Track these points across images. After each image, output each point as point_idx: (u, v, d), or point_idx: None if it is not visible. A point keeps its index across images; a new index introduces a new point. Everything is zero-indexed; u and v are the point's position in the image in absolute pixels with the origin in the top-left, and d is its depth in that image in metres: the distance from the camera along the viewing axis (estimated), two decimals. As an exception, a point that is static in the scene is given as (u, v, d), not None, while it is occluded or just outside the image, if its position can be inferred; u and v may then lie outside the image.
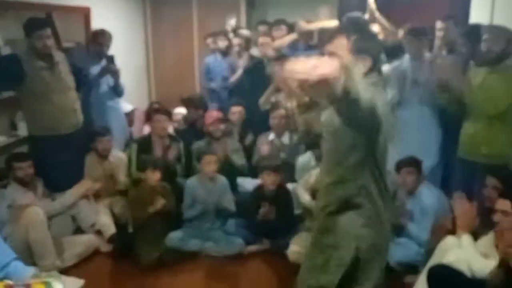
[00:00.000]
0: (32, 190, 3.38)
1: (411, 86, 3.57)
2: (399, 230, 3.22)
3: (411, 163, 3.20)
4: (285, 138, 4.08)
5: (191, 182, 3.64)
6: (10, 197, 3.22)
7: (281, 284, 3.09)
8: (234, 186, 3.87)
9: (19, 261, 2.27)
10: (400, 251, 3.11)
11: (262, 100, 4.20)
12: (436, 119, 3.56)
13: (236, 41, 4.70)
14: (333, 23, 4.24)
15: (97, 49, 4.29)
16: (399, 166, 3.21)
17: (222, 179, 3.68)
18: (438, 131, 3.59)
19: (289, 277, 2.93)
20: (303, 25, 4.35)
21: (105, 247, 3.54)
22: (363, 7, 4.02)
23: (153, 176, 3.50)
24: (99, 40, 4.27)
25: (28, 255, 3.01)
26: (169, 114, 4.19)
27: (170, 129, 4.44)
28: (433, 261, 2.49)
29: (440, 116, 3.52)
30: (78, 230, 3.64)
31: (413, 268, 2.97)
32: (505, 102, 2.80)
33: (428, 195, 3.16)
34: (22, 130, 3.77)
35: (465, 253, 2.34)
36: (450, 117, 3.33)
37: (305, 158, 3.79)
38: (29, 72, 3.44)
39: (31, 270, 2.29)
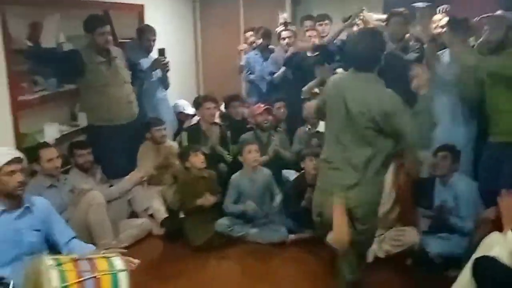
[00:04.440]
0: (91, 176, 3.58)
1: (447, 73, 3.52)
2: (440, 225, 3.25)
3: (448, 149, 3.25)
4: (320, 127, 4.08)
5: (235, 177, 3.73)
6: (72, 182, 3.39)
7: (321, 272, 3.16)
8: (279, 178, 3.98)
9: (79, 239, 2.51)
10: (441, 243, 3.14)
11: (305, 89, 4.32)
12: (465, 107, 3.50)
13: (285, 33, 4.80)
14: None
15: (145, 44, 4.41)
16: (436, 150, 3.28)
17: (266, 170, 3.78)
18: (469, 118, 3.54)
19: (329, 266, 3.04)
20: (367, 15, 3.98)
21: (157, 231, 3.71)
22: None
23: (196, 160, 3.62)
24: (145, 35, 4.39)
25: (87, 236, 3.17)
26: (217, 102, 4.31)
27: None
28: (477, 255, 2.50)
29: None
30: (133, 214, 3.83)
31: (453, 261, 2.95)
32: None
33: (462, 185, 3.20)
34: (82, 120, 3.93)
35: (509, 248, 2.34)
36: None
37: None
38: (88, 66, 3.64)
39: (90, 247, 2.51)
